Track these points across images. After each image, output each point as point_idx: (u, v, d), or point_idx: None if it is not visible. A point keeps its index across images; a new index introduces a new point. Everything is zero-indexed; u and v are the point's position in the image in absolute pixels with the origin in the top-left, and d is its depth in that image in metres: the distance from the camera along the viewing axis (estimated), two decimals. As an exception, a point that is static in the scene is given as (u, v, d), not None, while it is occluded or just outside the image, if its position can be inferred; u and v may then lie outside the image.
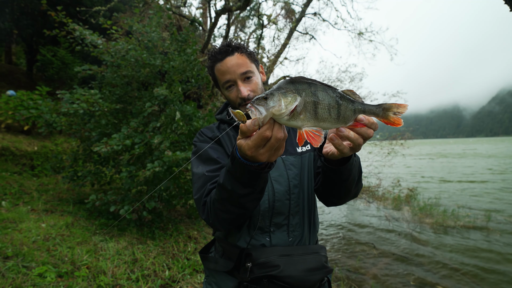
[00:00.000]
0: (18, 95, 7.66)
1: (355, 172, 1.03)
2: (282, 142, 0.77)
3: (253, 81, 1.24)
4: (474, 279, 4.68)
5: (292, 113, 0.72)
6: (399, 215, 8.45)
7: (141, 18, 5.11)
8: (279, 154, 0.81)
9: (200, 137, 1.34)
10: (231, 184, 0.93)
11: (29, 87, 9.98)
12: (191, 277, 3.55)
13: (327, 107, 0.75)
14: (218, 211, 1.04)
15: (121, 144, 3.96)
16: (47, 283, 2.83)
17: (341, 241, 6.46)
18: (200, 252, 1.36)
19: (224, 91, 1.28)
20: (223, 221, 1.08)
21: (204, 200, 1.13)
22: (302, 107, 0.73)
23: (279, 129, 0.74)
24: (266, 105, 0.71)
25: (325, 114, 0.75)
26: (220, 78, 1.26)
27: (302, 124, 0.75)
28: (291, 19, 11.67)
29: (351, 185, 1.07)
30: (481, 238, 6.49)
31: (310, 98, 0.74)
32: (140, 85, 5.34)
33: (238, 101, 1.24)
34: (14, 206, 4.76)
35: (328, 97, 0.76)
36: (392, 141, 10.07)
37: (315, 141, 0.72)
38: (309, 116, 0.74)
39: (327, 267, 1.15)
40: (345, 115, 0.77)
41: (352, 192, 1.12)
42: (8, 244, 3.31)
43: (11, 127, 7.83)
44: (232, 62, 1.21)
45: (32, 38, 12.71)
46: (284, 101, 0.72)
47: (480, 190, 12.05)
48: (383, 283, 4.56)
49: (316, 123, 0.75)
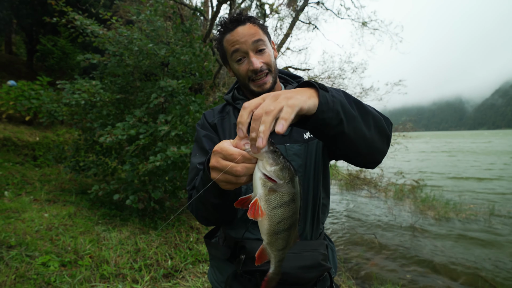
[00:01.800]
0: (19, 85, 7.62)
1: (342, 107, 0.76)
2: (238, 180, 0.73)
3: (266, 53, 1.12)
4: (475, 271, 4.70)
5: (272, 190, 0.68)
6: (401, 206, 8.47)
7: (142, 8, 5.01)
8: (232, 187, 0.77)
9: (202, 120, 1.27)
10: (204, 191, 0.89)
11: (29, 77, 9.92)
12: (194, 266, 3.57)
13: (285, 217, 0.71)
14: (199, 209, 1.04)
15: (126, 134, 3.92)
16: (50, 272, 2.85)
17: (342, 232, 6.48)
18: (205, 237, 1.35)
19: (233, 64, 1.16)
20: (204, 219, 1.07)
21: (190, 192, 1.10)
22: (278, 200, 0.69)
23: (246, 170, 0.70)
24: (271, 160, 0.67)
25: (278, 217, 0.70)
26: (229, 49, 1.13)
27: (260, 196, 0.69)
28: (294, 8, 11.48)
29: (356, 124, 0.80)
30: (482, 230, 6.50)
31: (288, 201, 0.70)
32: (142, 75, 5.28)
33: (248, 75, 1.12)
34: (16, 196, 4.77)
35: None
36: (394, 133, 10.01)
37: (253, 213, 0.68)
38: (273, 205, 0.69)
39: (324, 265, 1.07)
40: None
41: (369, 131, 0.84)
42: (11, 234, 3.33)
43: (13, 117, 7.82)
44: (244, 32, 1.09)
45: (32, 28, 12.58)
46: (282, 181, 0.68)
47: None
48: (384, 274, 4.58)
49: (268, 212, 0.70)
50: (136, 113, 4.23)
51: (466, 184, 11.82)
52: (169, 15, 6.06)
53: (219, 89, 8.52)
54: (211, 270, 1.29)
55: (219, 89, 8.54)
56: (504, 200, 9.09)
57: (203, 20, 10.48)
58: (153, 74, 5.18)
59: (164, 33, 4.97)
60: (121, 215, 4.63)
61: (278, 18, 10.54)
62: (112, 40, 4.71)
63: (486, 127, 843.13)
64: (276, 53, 1.24)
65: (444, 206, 8.05)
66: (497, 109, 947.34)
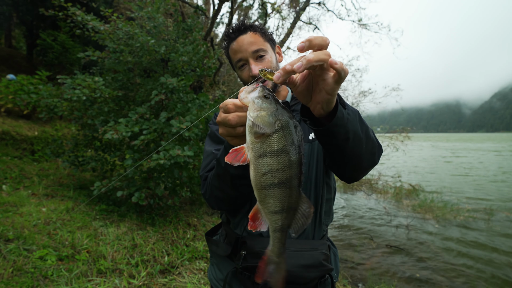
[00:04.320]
0: (18, 79, 7.60)
1: (352, 127, 0.82)
2: (234, 130, 0.75)
3: (265, 59, 1.20)
4: (471, 271, 4.74)
5: (258, 136, 0.65)
6: (398, 208, 8.51)
7: (143, 5, 5.01)
8: (238, 142, 0.78)
9: (214, 119, 1.35)
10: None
11: (29, 71, 9.89)
12: (190, 263, 3.59)
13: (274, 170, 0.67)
14: (214, 187, 1.06)
15: (130, 130, 3.93)
16: (47, 265, 2.86)
17: (338, 233, 6.51)
18: (206, 234, 1.38)
19: (237, 70, 1.26)
20: (217, 199, 1.09)
21: (205, 175, 1.15)
22: (264, 149, 0.65)
23: (237, 119, 0.72)
24: (256, 104, 0.66)
25: (264, 167, 0.67)
26: (233, 57, 1.24)
27: (247, 144, 0.68)
28: (295, 8, 11.48)
29: (357, 145, 0.87)
30: (481, 231, 6.54)
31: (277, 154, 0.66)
32: (143, 71, 5.28)
33: (250, 80, 1.21)
34: (14, 190, 4.78)
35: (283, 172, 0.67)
36: (393, 135, 10.05)
37: (231, 158, 0.68)
38: (258, 153, 0.66)
39: (325, 265, 1.07)
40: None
41: (364, 154, 0.91)
42: (9, 227, 3.34)
43: (12, 111, 7.80)
44: (244, 41, 1.18)
45: (32, 22, 12.54)
46: (268, 128, 0.65)
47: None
48: (380, 274, 4.62)
49: (253, 160, 0.67)
50: (138, 110, 4.25)
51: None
52: (170, 12, 6.07)
53: (218, 87, 8.52)
54: (211, 267, 1.31)
55: (219, 87, 8.55)
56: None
57: (204, 18, 10.47)
58: (153, 71, 5.19)
59: (164, 30, 4.97)
60: (118, 210, 4.64)
61: (280, 17, 10.55)
62: (113, 36, 4.71)
63: (484, 130, 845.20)
64: (281, 57, 1.32)
65: (442, 208, 8.09)
66: (496, 112, 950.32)
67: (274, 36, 1.50)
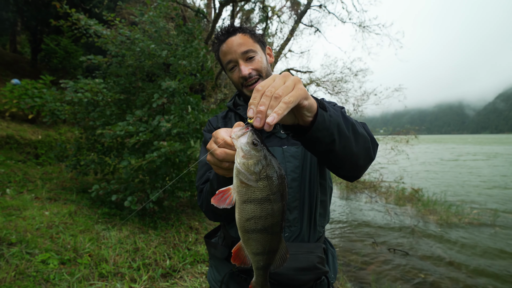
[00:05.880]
0: (22, 83, 7.66)
1: (336, 128, 0.81)
2: (221, 164, 0.76)
3: (255, 60, 1.19)
4: (477, 275, 4.69)
5: (243, 182, 0.67)
6: (401, 210, 8.45)
7: (145, 9, 5.05)
8: (227, 172, 0.79)
9: (208, 126, 1.35)
10: (217, 183, 0.95)
11: (33, 76, 10.00)
12: (192, 267, 3.58)
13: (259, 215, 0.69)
14: (209, 202, 1.07)
15: (124, 130, 3.96)
16: (50, 269, 2.87)
17: (341, 236, 6.48)
18: (205, 237, 1.38)
19: (228, 73, 1.26)
20: (214, 213, 1.11)
21: (201, 187, 1.15)
22: (249, 194, 0.67)
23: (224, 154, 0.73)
24: (244, 152, 0.66)
25: (251, 212, 0.69)
26: (223, 59, 1.23)
27: (234, 187, 0.69)
28: (296, 11, 11.53)
29: (346, 144, 0.85)
30: (486, 234, 6.47)
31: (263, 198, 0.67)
32: (144, 75, 5.32)
33: (240, 81, 1.20)
34: (18, 194, 4.81)
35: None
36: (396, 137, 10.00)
37: (217, 200, 0.69)
38: (243, 198, 0.68)
39: (320, 268, 1.07)
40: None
41: (357, 152, 0.90)
42: (12, 231, 3.36)
43: (16, 115, 7.88)
44: (234, 42, 1.18)
45: (36, 27, 12.70)
46: (253, 176, 0.66)
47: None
48: (382, 278, 4.58)
49: (238, 205, 0.69)
50: (136, 113, 4.28)
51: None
52: (172, 16, 6.11)
53: (220, 90, 8.56)
54: (210, 269, 1.32)
55: (221, 90, 8.58)
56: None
57: (206, 22, 10.53)
58: (155, 74, 5.22)
59: (165, 34, 5.01)
60: (121, 214, 4.66)
61: (280, 21, 10.59)
62: (115, 40, 4.75)
63: (489, 131, 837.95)
64: (271, 59, 1.31)
65: (446, 211, 8.02)
66: (500, 113, 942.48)
67: (276, 39, 1.51)
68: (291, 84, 0.68)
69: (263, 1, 10.49)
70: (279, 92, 0.65)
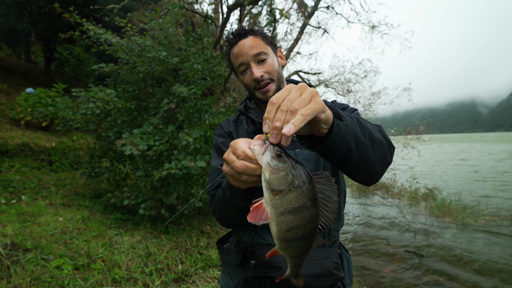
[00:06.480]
0: (36, 92, 7.88)
1: (353, 136, 0.79)
2: (241, 175, 0.74)
3: (267, 62, 1.17)
4: (495, 276, 4.52)
5: (276, 193, 0.66)
6: (415, 211, 8.27)
7: (154, 16, 5.12)
8: (243, 184, 0.77)
9: (219, 130, 1.34)
10: (230, 192, 0.94)
11: (47, 84, 10.25)
12: (204, 271, 3.57)
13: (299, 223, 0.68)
14: (222, 209, 1.06)
15: (147, 144, 3.99)
16: (64, 275, 2.91)
17: (354, 238, 6.36)
18: (217, 242, 1.37)
19: (239, 75, 1.24)
20: (226, 220, 1.09)
21: (213, 193, 1.14)
22: (286, 204, 0.66)
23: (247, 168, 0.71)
24: (272, 167, 0.65)
25: (290, 222, 0.67)
26: (234, 62, 1.21)
27: (266, 200, 0.68)
28: (303, 13, 11.50)
29: (363, 152, 0.84)
30: (503, 235, 6.26)
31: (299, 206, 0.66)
32: (154, 81, 5.38)
33: (252, 84, 1.18)
34: (33, 200, 4.91)
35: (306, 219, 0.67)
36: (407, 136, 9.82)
37: (253, 216, 0.67)
38: (280, 210, 0.66)
39: (336, 274, 1.05)
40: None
41: (374, 158, 0.88)
42: (27, 237, 3.42)
43: (30, 123, 8.07)
44: (245, 45, 1.16)
45: (49, 37, 13.06)
46: (287, 187, 0.65)
47: None
48: (398, 281, 4.47)
49: (275, 217, 0.67)
50: (152, 121, 4.32)
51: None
52: (181, 22, 6.18)
53: (229, 93, 8.58)
54: (222, 275, 1.30)
55: (230, 94, 8.60)
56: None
57: (214, 26, 10.62)
58: (165, 80, 5.27)
59: (175, 40, 5.06)
60: (133, 219, 4.70)
61: (288, 23, 10.58)
62: (126, 48, 4.82)
63: (503, 129, 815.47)
64: (283, 61, 1.29)
65: (461, 211, 7.80)
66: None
67: (284, 42, 1.49)
68: (307, 96, 0.65)
69: (270, 4, 10.52)
70: (295, 105, 0.63)
